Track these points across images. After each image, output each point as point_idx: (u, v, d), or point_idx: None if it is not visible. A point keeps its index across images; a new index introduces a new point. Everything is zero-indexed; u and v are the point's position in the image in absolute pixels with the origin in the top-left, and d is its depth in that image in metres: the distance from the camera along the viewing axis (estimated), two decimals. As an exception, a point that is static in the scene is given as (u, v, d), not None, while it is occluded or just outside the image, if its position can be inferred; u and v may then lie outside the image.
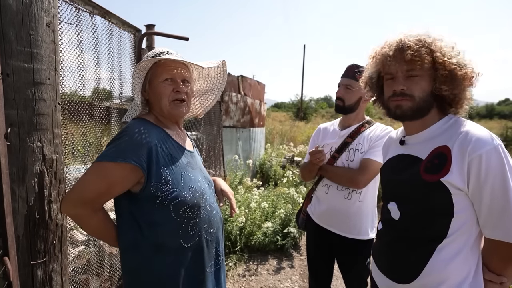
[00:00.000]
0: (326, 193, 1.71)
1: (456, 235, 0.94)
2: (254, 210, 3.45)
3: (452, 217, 0.93)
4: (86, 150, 1.68)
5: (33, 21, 0.96)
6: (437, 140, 0.98)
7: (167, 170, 0.98)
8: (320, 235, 1.76)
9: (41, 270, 1.04)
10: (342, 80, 1.70)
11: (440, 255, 0.96)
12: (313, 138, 1.92)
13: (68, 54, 1.41)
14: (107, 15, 1.68)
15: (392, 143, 1.22)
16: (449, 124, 1.00)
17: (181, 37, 2.04)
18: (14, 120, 0.94)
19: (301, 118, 20.88)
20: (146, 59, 1.03)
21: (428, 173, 0.95)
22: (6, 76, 0.91)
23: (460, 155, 0.90)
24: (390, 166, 1.16)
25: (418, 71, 0.98)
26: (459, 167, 0.90)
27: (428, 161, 0.97)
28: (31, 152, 0.99)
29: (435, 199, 0.95)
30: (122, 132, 0.99)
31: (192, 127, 3.35)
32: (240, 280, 2.83)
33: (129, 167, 0.94)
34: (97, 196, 0.97)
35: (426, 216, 0.98)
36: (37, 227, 1.02)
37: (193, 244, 1.02)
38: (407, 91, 1.00)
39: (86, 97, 1.65)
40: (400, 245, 1.05)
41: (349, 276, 1.74)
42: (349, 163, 1.65)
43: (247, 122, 5.77)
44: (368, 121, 1.73)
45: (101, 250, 1.88)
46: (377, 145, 1.59)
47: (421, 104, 1.00)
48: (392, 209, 1.07)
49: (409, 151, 1.06)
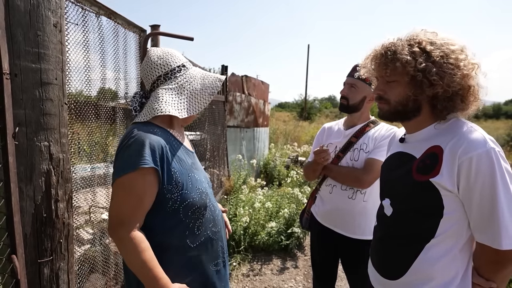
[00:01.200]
0: (330, 193, 1.70)
1: (444, 236, 0.93)
2: (258, 210, 3.45)
3: (441, 217, 0.93)
4: (92, 149, 1.69)
5: (40, 22, 0.97)
6: (433, 140, 0.97)
7: (177, 173, 0.98)
8: (324, 235, 1.75)
9: (48, 268, 1.06)
10: (347, 79, 1.70)
11: (427, 254, 0.96)
12: (317, 137, 1.92)
13: (74, 55, 1.42)
14: (113, 15, 1.69)
15: (394, 141, 1.24)
16: (447, 125, 0.98)
17: (186, 37, 2.05)
18: (22, 119, 0.95)
19: (305, 118, 20.84)
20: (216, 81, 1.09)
21: (419, 173, 0.95)
22: (14, 76, 0.93)
23: (451, 156, 0.89)
24: (388, 163, 1.17)
25: (394, 76, 0.98)
26: (449, 169, 0.89)
27: (421, 161, 0.97)
28: (39, 152, 1.00)
29: (425, 198, 0.94)
30: (130, 139, 0.95)
31: (197, 127, 3.36)
32: (244, 280, 2.83)
33: (151, 171, 0.92)
34: (132, 212, 0.92)
35: (415, 215, 0.98)
36: (44, 225, 1.04)
37: (199, 244, 1.03)
38: (384, 95, 1.03)
39: (92, 97, 1.66)
40: (390, 242, 1.06)
41: (353, 276, 1.74)
42: (354, 162, 1.64)
43: (251, 122, 5.77)
44: (373, 121, 1.72)
45: (106, 248, 1.89)
46: (382, 145, 1.58)
47: (398, 107, 1.01)
48: (386, 205, 1.08)
49: (407, 149, 1.06)
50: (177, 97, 1.03)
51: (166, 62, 1.05)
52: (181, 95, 1.03)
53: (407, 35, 0.99)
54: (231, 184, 4.16)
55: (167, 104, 1.00)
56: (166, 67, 1.04)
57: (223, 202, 3.80)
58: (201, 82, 1.07)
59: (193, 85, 1.06)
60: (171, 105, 1.00)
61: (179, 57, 1.08)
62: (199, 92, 1.06)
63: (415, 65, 0.91)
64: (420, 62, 0.91)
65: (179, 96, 1.03)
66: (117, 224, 0.92)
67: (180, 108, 1.02)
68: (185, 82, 1.05)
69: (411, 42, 0.95)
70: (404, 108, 1.00)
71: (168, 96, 1.02)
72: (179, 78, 1.05)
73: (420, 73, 0.91)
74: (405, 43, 0.95)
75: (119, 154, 0.96)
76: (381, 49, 1.00)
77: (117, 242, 0.93)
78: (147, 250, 0.92)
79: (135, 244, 0.90)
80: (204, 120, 3.50)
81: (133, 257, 0.91)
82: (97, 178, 1.75)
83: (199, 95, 1.06)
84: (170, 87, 1.03)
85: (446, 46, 0.92)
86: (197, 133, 3.36)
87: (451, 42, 0.94)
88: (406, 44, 0.95)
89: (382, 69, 1.00)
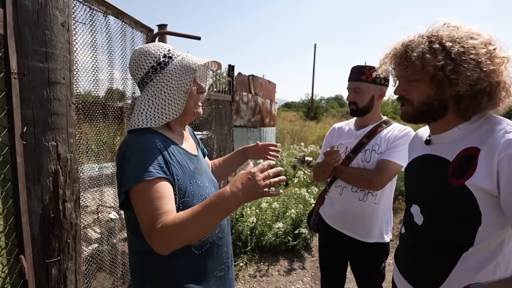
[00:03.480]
0: (340, 194, 1.67)
1: (484, 244, 0.87)
2: (265, 211, 3.43)
3: (480, 225, 0.87)
4: (100, 149, 1.69)
5: (48, 21, 0.97)
6: (466, 141, 0.91)
7: (180, 180, 0.95)
8: (333, 237, 1.72)
9: (55, 269, 1.05)
10: (350, 84, 1.65)
11: (465, 263, 0.89)
12: (327, 138, 1.88)
13: (82, 54, 1.42)
14: (120, 15, 1.69)
15: (417, 142, 1.16)
16: (479, 123, 0.91)
17: (193, 36, 2.04)
18: (29, 119, 0.95)
19: (312, 118, 20.74)
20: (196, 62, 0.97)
21: (455, 177, 0.89)
22: (22, 76, 0.92)
23: (489, 154, 0.83)
24: (414, 167, 1.10)
25: (415, 75, 0.93)
26: (487, 167, 0.83)
27: (456, 164, 0.91)
28: (46, 152, 1.00)
29: (460, 205, 0.88)
30: (129, 150, 0.91)
31: (203, 127, 3.36)
32: (251, 281, 2.81)
33: (158, 180, 0.88)
34: (152, 216, 0.83)
35: (450, 223, 0.92)
36: (52, 226, 1.03)
37: (204, 251, 1.01)
38: (406, 95, 0.98)
39: (100, 97, 1.66)
40: (423, 251, 1.00)
41: (362, 280, 1.70)
42: (365, 164, 1.60)
43: (258, 121, 5.75)
44: (385, 121, 1.68)
45: (113, 248, 1.90)
46: (395, 146, 1.54)
47: (423, 108, 0.95)
48: (415, 213, 1.02)
49: (436, 152, 1.00)
50: (153, 104, 0.96)
51: (140, 66, 0.98)
52: (157, 101, 0.96)
53: (428, 30, 0.93)
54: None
55: (141, 115, 0.95)
56: (141, 71, 0.98)
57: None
58: (178, 79, 0.96)
59: (169, 85, 0.96)
60: (144, 115, 0.95)
61: (154, 54, 0.97)
62: (176, 92, 0.96)
63: (435, 63, 0.87)
64: (439, 60, 0.86)
65: (155, 102, 0.96)
66: (149, 236, 0.84)
67: (156, 116, 0.96)
68: (161, 84, 0.96)
69: (432, 39, 0.90)
70: (429, 108, 0.95)
71: (144, 105, 0.96)
72: (155, 80, 0.97)
73: (441, 72, 0.86)
74: (426, 40, 0.90)
75: (121, 169, 0.91)
76: (401, 47, 0.95)
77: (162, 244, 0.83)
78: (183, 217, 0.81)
79: (174, 227, 0.79)
80: (211, 120, 3.49)
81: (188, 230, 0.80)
82: (104, 178, 1.76)
83: (176, 95, 0.97)
84: (147, 93, 0.98)
85: (467, 41, 0.86)
86: (203, 132, 3.36)
87: (473, 36, 0.87)
88: (427, 41, 0.90)
89: (403, 69, 0.94)
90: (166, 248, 0.84)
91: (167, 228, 0.81)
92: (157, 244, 0.83)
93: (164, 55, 0.98)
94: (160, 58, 0.97)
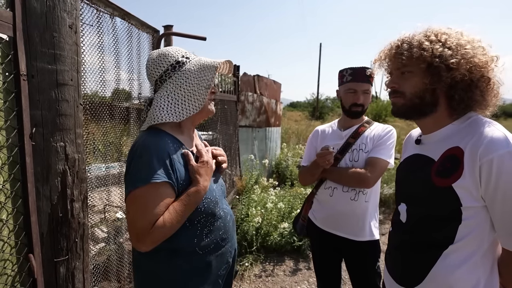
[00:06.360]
0: (331, 196, 1.65)
1: (464, 242, 0.88)
2: (271, 211, 3.43)
3: (460, 223, 0.88)
4: (107, 149, 1.71)
5: (56, 23, 0.98)
6: (451, 141, 0.92)
7: (185, 183, 0.96)
8: (324, 240, 1.70)
9: (64, 268, 1.07)
10: (360, 85, 1.62)
11: (445, 261, 0.91)
12: (310, 141, 1.84)
13: (89, 56, 1.43)
14: (127, 16, 1.70)
15: (409, 142, 1.18)
16: (466, 124, 0.92)
17: (198, 37, 2.05)
18: (38, 120, 0.96)
19: (317, 118, 20.66)
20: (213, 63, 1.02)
21: (440, 177, 0.90)
22: (31, 78, 0.94)
23: (471, 158, 0.84)
24: (404, 166, 1.12)
25: (410, 65, 0.94)
26: (471, 171, 0.84)
27: (440, 164, 0.92)
28: (55, 152, 1.01)
29: (443, 204, 0.90)
30: (139, 149, 0.93)
31: (209, 127, 3.37)
32: (257, 281, 2.81)
33: (163, 184, 0.91)
34: (147, 225, 0.88)
35: (432, 220, 0.94)
36: (60, 225, 1.05)
37: (208, 251, 1.02)
38: (398, 88, 0.99)
39: (107, 98, 1.68)
40: (406, 249, 1.02)
41: (358, 280, 1.68)
42: (353, 163, 1.60)
43: (263, 121, 5.75)
44: (367, 121, 1.70)
45: (120, 247, 1.91)
46: (381, 144, 1.57)
47: (415, 100, 0.96)
48: (402, 211, 1.04)
49: (424, 151, 1.01)
50: (173, 100, 0.99)
51: (159, 65, 1.00)
52: (177, 96, 0.99)
53: (422, 28, 0.98)
54: (243, 184, 4.15)
55: (162, 110, 0.97)
56: (160, 69, 1.00)
57: (235, 202, 3.79)
58: (198, 76, 1.00)
59: (189, 82, 0.99)
60: (165, 110, 0.97)
61: (173, 55, 1.01)
62: (197, 88, 1.00)
63: (432, 50, 0.89)
64: (437, 48, 0.89)
65: (175, 98, 0.99)
66: (137, 242, 0.90)
67: (177, 111, 0.98)
68: (180, 80, 0.99)
69: (427, 33, 0.94)
70: (421, 101, 0.96)
71: (164, 101, 0.98)
72: (174, 77, 1.00)
73: (437, 59, 0.88)
74: (422, 33, 0.95)
75: (130, 166, 0.93)
76: (397, 41, 0.99)
77: (152, 245, 0.91)
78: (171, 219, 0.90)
79: (164, 229, 0.89)
80: (216, 120, 3.51)
81: (173, 230, 0.92)
82: (111, 177, 1.78)
83: (197, 91, 1.00)
84: (166, 89, 1.00)
85: (461, 36, 0.91)
86: (209, 132, 3.37)
87: (465, 33, 0.93)
88: (422, 35, 0.94)
89: (398, 58, 0.96)
90: (152, 247, 0.91)
91: (159, 230, 0.89)
92: (148, 245, 0.90)
93: (182, 55, 1.02)
94: (179, 57, 1.01)
